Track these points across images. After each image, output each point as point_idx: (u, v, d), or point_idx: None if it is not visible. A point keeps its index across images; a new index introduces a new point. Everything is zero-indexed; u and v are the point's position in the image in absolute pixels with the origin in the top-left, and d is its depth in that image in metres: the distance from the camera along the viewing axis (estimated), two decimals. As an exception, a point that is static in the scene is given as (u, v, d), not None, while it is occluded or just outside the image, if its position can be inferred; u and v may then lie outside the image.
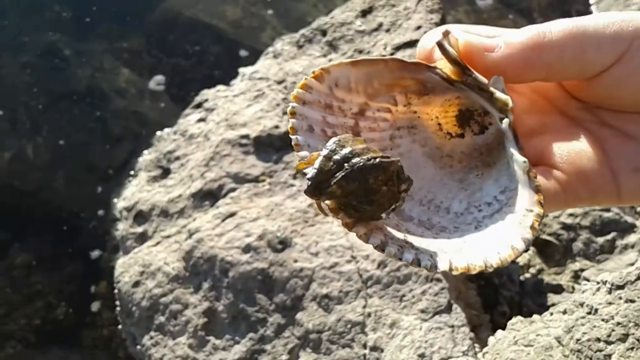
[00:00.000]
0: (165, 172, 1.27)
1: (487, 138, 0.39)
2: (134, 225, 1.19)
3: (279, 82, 1.38)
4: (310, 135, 0.37)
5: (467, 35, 0.39)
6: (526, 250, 0.37)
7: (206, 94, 1.41)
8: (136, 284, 1.07)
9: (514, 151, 0.37)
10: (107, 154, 1.64)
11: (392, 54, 1.30)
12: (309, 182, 0.34)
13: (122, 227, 1.21)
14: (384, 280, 0.91)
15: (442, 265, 0.34)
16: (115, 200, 1.29)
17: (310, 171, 0.35)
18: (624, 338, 0.57)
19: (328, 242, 0.98)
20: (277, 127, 1.23)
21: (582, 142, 0.39)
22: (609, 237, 1.21)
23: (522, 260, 1.31)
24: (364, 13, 1.48)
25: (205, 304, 1.00)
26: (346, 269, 0.94)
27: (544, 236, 1.27)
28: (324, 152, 0.36)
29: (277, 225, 1.02)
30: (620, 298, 0.60)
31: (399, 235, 0.38)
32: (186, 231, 1.08)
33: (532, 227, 0.36)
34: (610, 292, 0.62)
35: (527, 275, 1.26)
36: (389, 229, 0.38)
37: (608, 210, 1.27)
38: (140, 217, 1.19)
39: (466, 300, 1.07)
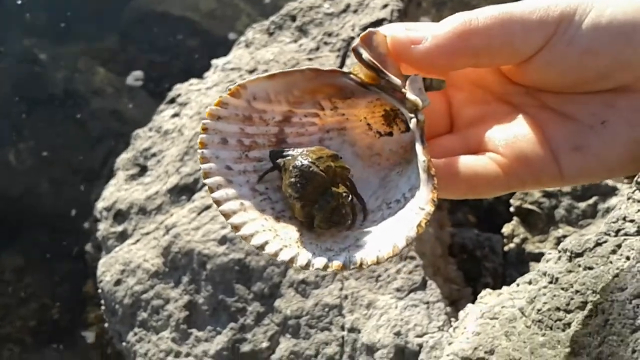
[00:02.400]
0: (143, 170, 1.27)
1: (412, 135, 0.39)
2: (114, 225, 1.19)
3: (251, 72, 1.37)
4: (222, 148, 0.39)
5: (393, 30, 0.40)
6: (407, 246, 0.38)
7: (179, 88, 1.40)
8: (117, 282, 1.07)
9: (418, 150, 0.37)
10: (88, 155, 1.64)
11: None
12: None
13: (103, 227, 1.21)
14: (359, 261, 0.91)
15: (318, 264, 0.36)
16: (96, 200, 1.29)
17: None
18: (582, 306, 0.57)
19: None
20: (250, 116, 1.23)
21: (522, 127, 0.40)
22: (590, 201, 1.21)
23: (506, 231, 1.31)
24: (332, -6, 1.46)
25: (186, 297, 1.00)
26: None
27: (527, 205, 1.27)
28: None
29: (252, 214, 1.02)
30: (579, 266, 0.59)
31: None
32: (164, 227, 1.09)
33: (418, 226, 0.36)
34: (570, 260, 0.61)
35: (511, 245, 1.26)
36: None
37: (588, 174, 1.26)
38: (120, 216, 1.19)
39: (446, 276, 1.07)
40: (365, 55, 0.38)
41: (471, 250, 1.19)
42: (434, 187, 0.36)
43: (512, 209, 1.31)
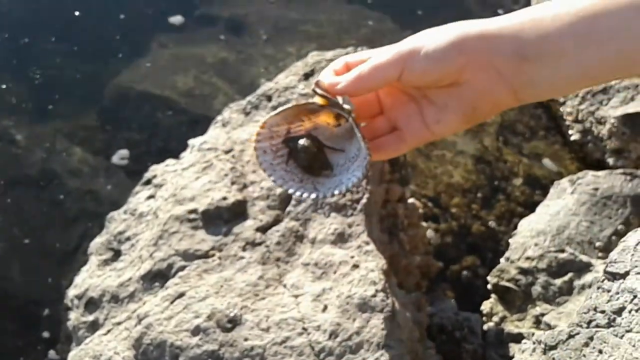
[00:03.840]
0: (116, 254, 1.25)
1: (348, 125, 0.71)
2: (85, 314, 1.16)
3: (227, 152, 1.38)
4: (264, 155, 0.71)
5: (324, 77, 0.68)
6: (364, 177, 0.80)
7: (155, 169, 1.40)
8: (87, 377, 1.03)
9: (355, 131, 0.69)
10: (62, 238, 1.61)
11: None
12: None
13: (74, 317, 1.18)
14: (336, 351, 0.89)
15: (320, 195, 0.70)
16: (68, 287, 1.26)
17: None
18: (557, 403, 0.56)
19: (279, 316, 0.97)
20: (225, 198, 1.23)
21: (411, 109, 0.68)
22: (566, 278, 1.22)
23: (484, 309, 1.30)
24: (307, 76, 1.50)
25: (158, 392, 0.96)
26: (298, 343, 0.92)
27: (503, 282, 1.27)
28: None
29: (226, 302, 1.00)
30: (554, 358, 0.59)
31: (298, 180, 0.72)
32: (136, 317, 1.06)
33: (363, 173, 0.68)
34: (544, 352, 0.61)
35: (490, 324, 1.25)
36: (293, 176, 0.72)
37: (563, 251, 1.27)
38: (91, 304, 1.17)
39: (425, 361, 1.06)
40: (319, 90, 0.68)
41: (450, 332, 1.18)
42: (367, 147, 0.67)
43: (489, 286, 1.31)
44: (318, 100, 0.70)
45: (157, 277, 1.12)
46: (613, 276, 0.61)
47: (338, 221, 1.10)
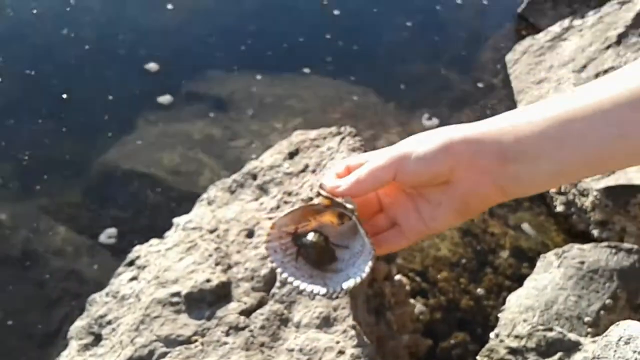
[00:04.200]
0: (97, 339, 1.22)
1: (351, 223, 0.77)
2: (62, 405, 1.12)
3: (212, 231, 1.38)
4: (275, 254, 0.77)
5: (327, 181, 0.75)
6: (369, 273, 0.73)
7: (139, 250, 1.39)
8: None
9: (359, 228, 0.74)
10: (44, 320, 1.58)
11: (317, 195, 1.32)
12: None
13: (50, 407, 1.14)
14: None
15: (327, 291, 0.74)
16: (46, 375, 1.22)
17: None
18: None
19: (262, 406, 0.94)
20: (209, 280, 1.21)
21: (409, 206, 0.75)
22: (555, 357, 1.20)
23: (476, 391, 1.27)
24: (291, 155, 1.52)
25: None
26: None
27: (493, 363, 1.24)
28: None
29: (208, 393, 0.97)
30: None
31: (308, 276, 0.78)
32: (114, 409, 1.02)
33: (370, 267, 0.72)
34: None
35: (482, 406, 1.22)
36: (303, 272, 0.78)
37: (551, 329, 1.26)
38: (69, 394, 1.12)
39: None
40: (323, 192, 0.75)
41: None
42: (371, 242, 0.73)
43: (479, 366, 1.28)
44: (322, 201, 0.77)
45: (137, 365, 1.09)
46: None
47: (323, 304, 1.09)
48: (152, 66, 2.40)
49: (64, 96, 2.28)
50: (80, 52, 2.48)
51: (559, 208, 1.97)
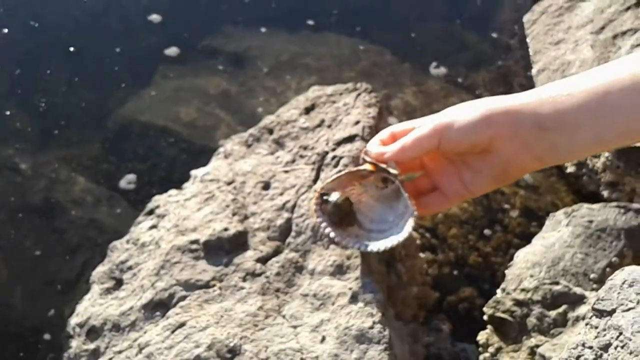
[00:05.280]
0: (118, 283, 1.27)
1: (394, 186, 0.82)
2: (87, 342, 1.17)
3: (229, 183, 1.41)
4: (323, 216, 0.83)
5: (370, 148, 0.80)
6: (410, 232, 0.79)
7: (158, 200, 1.43)
8: (88, 406, 1.04)
9: (402, 191, 0.79)
10: (65, 266, 1.63)
11: (333, 149, 1.35)
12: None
13: (75, 345, 1.20)
14: (333, 381, 0.91)
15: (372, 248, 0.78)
16: (70, 315, 1.28)
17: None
18: None
19: (278, 346, 0.98)
20: (226, 229, 1.25)
21: (451, 172, 0.78)
22: (560, 310, 1.23)
23: (481, 339, 1.31)
24: (307, 110, 1.54)
25: (158, 422, 0.98)
26: (296, 373, 0.93)
27: (499, 314, 1.28)
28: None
29: (226, 332, 1.02)
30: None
31: (354, 236, 0.82)
32: (137, 345, 1.08)
33: (412, 227, 0.77)
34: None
35: (486, 354, 1.26)
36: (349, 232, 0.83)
37: (557, 283, 1.29)
38: (93, 332, 1.18)
39: (421, 393, 1.07)
40: (368, 159, 0.80)
41: (447, 363, 1.19)
42: (413, 204, 0.77)
43: (485, 317, 1.32)
44: (367, 166, 0.83)
45: (158, 307, 1.14)
46: (600, 313, 0.63)
47: (337, 253, 1.12)
48: (155, 17, 2.40)
49: (71, 49, 2.30)
50: (80, 3, 2.49)
51: (570, 169, 1.98)
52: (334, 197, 0.85)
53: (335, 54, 2.35)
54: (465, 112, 0.75)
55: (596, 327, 0.63)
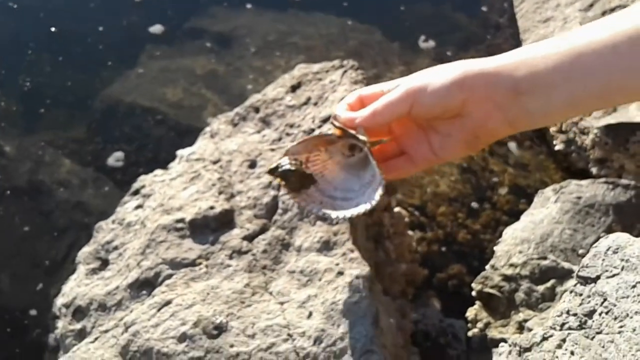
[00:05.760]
0: (104, 264, 1.26)
1: (362, 155, 0.82)
2: (73, 322, 1.16)
3: (215, 162, 1.40)
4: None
5: (340, 112, 0.81)
6: (378, 201, 0.83)
7: (143, 179, 1.41)
8: (74, 385, 1.04)
9: (373, 163, 0.79)
10: (51, 248, 1.62)
11: (319, 127, 1.33)
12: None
13: (61, 325, 1.19)
14: (320, 356, 0.91)
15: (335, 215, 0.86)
16: (55, 296, 1.26)
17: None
18: (531, 402, 0.57)
19: (265, 322, 0.98)
20: (212, 207, 1.24)
21: (419, 137, 0.80)
22: (548, 284, 1.24)
23: (469, 315, 1.31)
24: (294, 88, 1.52)
25: (144, 399, 0.97)
26: (283, 349, 0.93)
27: (487, 289, 1.29)
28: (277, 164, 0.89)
29: (212, 309, 1.01)
30: (528, 360, 0.60)
31: (318, 202, 0.89)
32: (123, 324, 1.07)
33: (379, 195, 0.80)
34: (519, 354, 0.62)
35: (475, 330, 1.26)
36: (314, 199, 0.90)
37: (545, 258, 1.29)
38: (79, 312, 1.17)
39: (409, 367, 1.07)
40: (337, 124, 0.79)
41: (434, 338, 1.19)
42: (382, 173, 0.78)
43: (474, 293, 1.33)
44: (335, 131, 0.81)
45: (144, 286, 1.13)
46: (585, 280, 0.63)
47: (323, 229, 1.11)
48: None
49: (53, 29, 2.26)
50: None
51: (559, 146, 1.98)
52: (284, 163, 0.86)
53: (324, 33, 2.33)
54: (438, 75, 0.73)
55: (580, 295, 0.62)
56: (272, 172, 0.89)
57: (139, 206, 1.35)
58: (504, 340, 1.15)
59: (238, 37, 2.27)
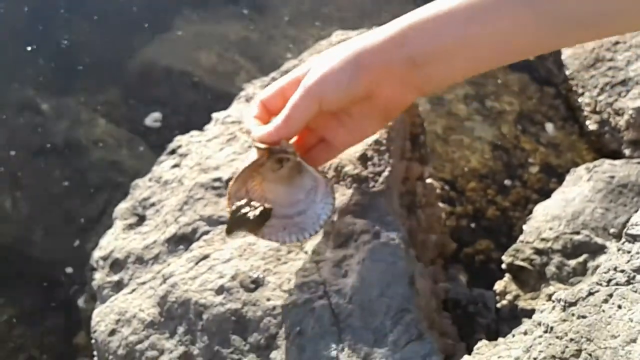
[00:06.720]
0: (141, 219, 1.29)
1: (289, 163, 0.85)
2: (110, 274, 1.19)
3: (251, 125, 1.41)
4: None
5: (255, 133, 0.82)
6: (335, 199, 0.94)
7: (180, 140, 1.43)
8: (112, 332, 1.07)
9: (310, 169, 0.84)
10: (86, 205, 1.65)
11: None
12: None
13: (99, 277, 1.22)
14: (355, 313, 0.92)
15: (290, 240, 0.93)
16: (92, 250, 1.29)
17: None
18: (577, 354, 0.58)
19: (300, 279, 1.00)
20: (249, 168, 1.25)
21: (334, 123, 0.82)
22: (580, 259, 1.24)
23: (498, 288, 1.32)
24: (331, 54, 1.52)
25: (181, 348, 1.00)
26: (319, 305, 0.95)
27: (518, 262, 1.29)
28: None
29: (249, 264, 1.03)
30: (573, 315, 0.61)
31: (282, 229, 0.91)
32: (160, 276, 1.09)
33: (333, 192, 0.90)
34: (564, 309, 0.63)
35: (504, 302, 1.27)
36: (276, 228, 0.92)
37: (578, 233, 1.29)
38: (116, 265, 1.20)
39: (440, 330, 1.08)
40: (259, 145, 0.82)
41: (464, 306, 1.20)
42: (324, 175, 0.85)
43: (504, 266, 1.33)
44: (263, 154, 0.83)
45: (181, 241, 1.16)
46: (633, 238, 0.63)
47: (359, 192, 1.12)
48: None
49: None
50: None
51: (592, 127, 1.96)
52: (242, 211, 0.88)
53: (358, 4, 2.32)
54: (334, 68, 0.74)
55: (629, 252, 0.63)
56: (231, 230, 0.91)
57: (176, 165, 1.37)
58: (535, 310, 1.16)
59: (272, 6, 2.27)
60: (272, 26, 2.20)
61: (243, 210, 0.87)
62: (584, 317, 0.61)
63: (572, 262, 1.23)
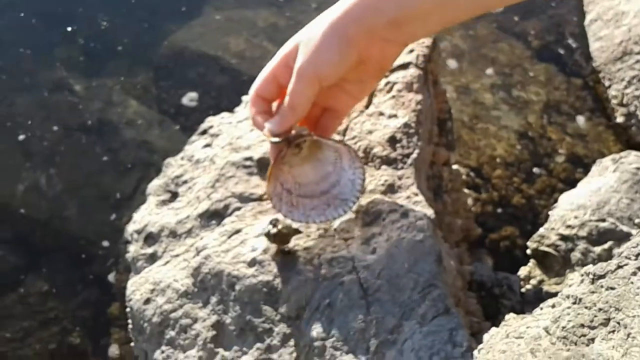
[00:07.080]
0: (174, 196, 1.32)
1: (306, 143, 0.90)
2: (144, 247, 1.23)
3: (281, 107, 1.44)
4: (283, 205, 0.97)
5: (269, 127, 0.87)
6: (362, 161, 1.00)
7: (211, 121, 1.46)
8: (147, 301, 1.11)
9: (329, 142, 0.92)
10: (118, 182, 1.70)
11: (386, 76, 1.35)
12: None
13: (133, 249, 1.26)
14: (383, 287, 0.95)
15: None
16: (126, 224, 1.34)
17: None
18: (605, 322, 0.60)
19: (330, 255, 1.02)
20: (279, 149, 1.28)
21: (335, 91, 0.87)
22: (605, 246, 1.25)
23: (522, 273, 1.34)
24: (361, 39, 1.54)
25: (214, 317, 1.03)
26: (347, 279, 0.97)
27: (543, 247, 1.30)
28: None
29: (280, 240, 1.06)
30: (602, 286, 0.63)
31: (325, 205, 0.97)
32: (194, 249, 1.13)
33: (357, 157, 0.96)
34: (592, 282, 0.65)
35: (528, 286, 1.29)
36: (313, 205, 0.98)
37: (604, 220, 1.30)
38: (150, 238, 1.24)
39: (466, 308, 1.10)
40: (275, 139, 0.86)
41: (489, 288, 1.22)
42: (344, 143, 0.90)
43: (528, 252, 1.34)
44: (281, 145, 0.87)
45: (214, 216, 1.19)
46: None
47: (388, 173, 1.14)
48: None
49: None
50: None
51: (619, 119, 1.96)
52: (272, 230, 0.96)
53: (386, -7, 2.33)
54: (323, 44, 0.78)
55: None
56: (281, 241, 0.99)
57: (208, 145, 1.40)
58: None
59: (299, -7, 2.30)
60: (300, 13, 2.23)
61: (274, 230, 0.98)
62: (612, 288, 0.63)
63: (598, 249, 1.24)
